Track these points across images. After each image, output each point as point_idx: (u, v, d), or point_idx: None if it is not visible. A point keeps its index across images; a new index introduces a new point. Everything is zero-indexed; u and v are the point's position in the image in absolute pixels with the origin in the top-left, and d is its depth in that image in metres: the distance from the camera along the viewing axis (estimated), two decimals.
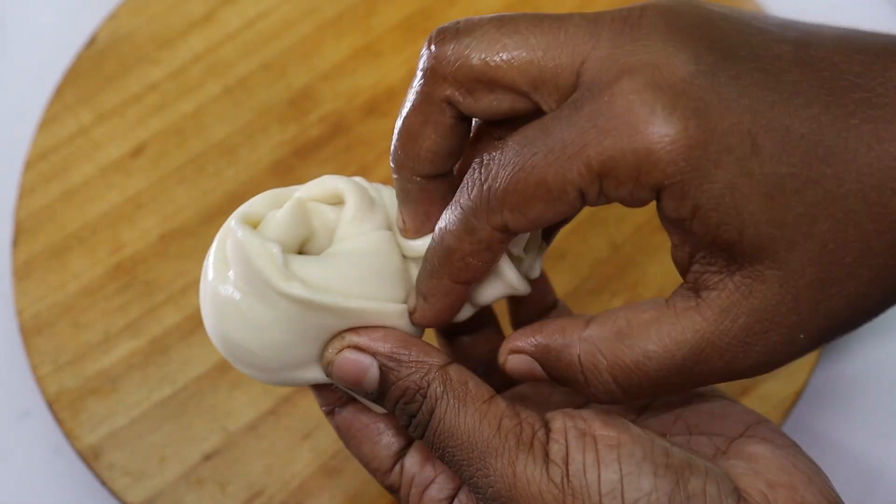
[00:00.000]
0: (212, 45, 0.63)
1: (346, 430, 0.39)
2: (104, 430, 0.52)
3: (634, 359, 0.35)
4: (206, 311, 0.37)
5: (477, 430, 0.35)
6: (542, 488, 0.34)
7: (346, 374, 0.37)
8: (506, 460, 0.34)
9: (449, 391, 0.36)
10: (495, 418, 0.35)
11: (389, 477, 0.39)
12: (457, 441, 0.35)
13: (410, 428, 0.37)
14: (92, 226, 0.57)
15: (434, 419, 0.36)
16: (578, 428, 0.35)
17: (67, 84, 0.61)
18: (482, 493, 0.35)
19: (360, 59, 0.62)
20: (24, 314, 0.55)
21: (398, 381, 0.36)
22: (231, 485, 0.51)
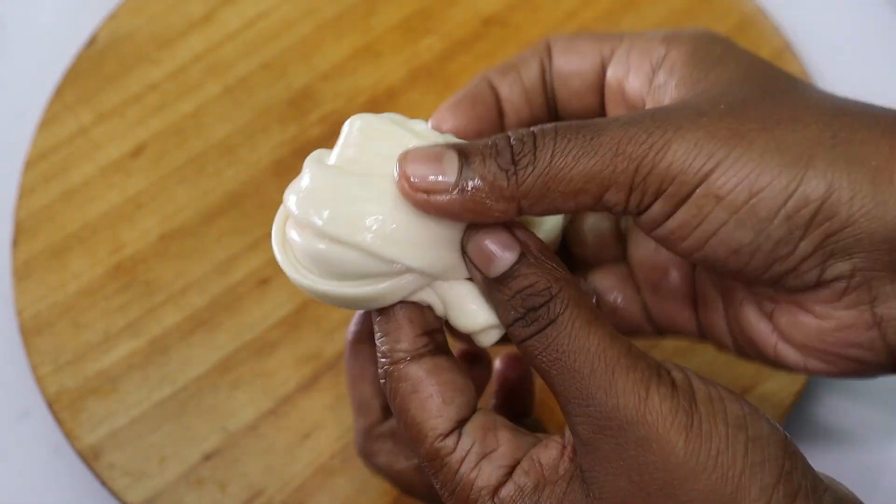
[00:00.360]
0: (212, 45, 0.63)
1: (417, 382, 0.37)
2: (104, 430, 0.52)
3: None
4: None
5: (607, 347, 0.35)
6: (673, 409, 0.34)
7: (488, 248, 0.36)
8: (638, 376, 0.34)
9: (582, 304, 0.36)
10: (624, 343, 0.35)
11: (444, 441, 0.37)
12: (577, 354, 0.35)
13: (521, 324, 0.36)
14: (92, 226, 0.57)
15: (558, 324, 0.35)
16: (696, 374, 0.36)
17: (67, 84, 0.61)
18: (597, 410, 0.34)
19: (361, 58, 0.62)
20: (23, 314, 0.55)
21: (533, 272, 0.36)
22: (231, 485, 0.51)
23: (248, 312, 0.55)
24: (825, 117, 0.36)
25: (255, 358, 0.54)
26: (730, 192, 0.35)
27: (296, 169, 0.59)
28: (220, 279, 0.56)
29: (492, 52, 0.63)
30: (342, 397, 0.53)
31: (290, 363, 0.54)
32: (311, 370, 0.53)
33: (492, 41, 0.63)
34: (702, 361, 0.53)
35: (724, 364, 0.53)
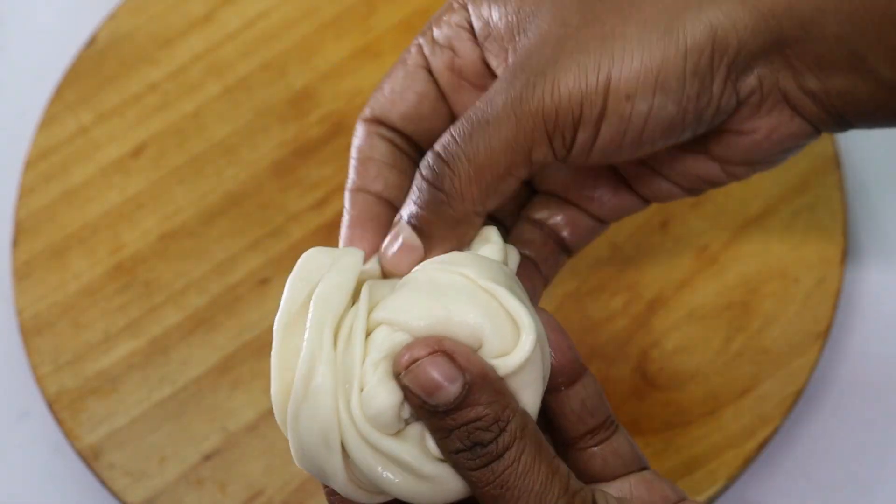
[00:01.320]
0: (212, 45, 0.63)
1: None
2: (104, 430, 0.52)
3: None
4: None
5: (548, 486, 0.35)
6: None
7: (427, 380, 0.35)
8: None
9: (528, 435, 0.35)
10: (563, 478, 0.36)
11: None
12: (521, 493, 0.35)
13: (470, 456, 0.35)
14: (92, 226, 0.57)
15: (507, 458, 0.35)
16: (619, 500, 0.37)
17: (67, 84, 0.61)
18: None
19: (360, 58, 0.62)
20: (24, 314, 0.55)
21: (479, 404, 0.35)
22: (231, 485, 0.51)
23: (248, 312, 0.55)
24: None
25: (254, 358, 0.54)
26: (636, 85, 0.37)
27: (296, 169, 0.59)
28: (220, 279, 0.56)
29: None
30: None
31: None
32: None
33: None
34: (702, 360, 0.53)
35: (724, 364, 0.53)
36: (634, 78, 0.37)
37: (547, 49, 0.38)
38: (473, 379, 0.35)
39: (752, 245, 0.56)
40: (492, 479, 0.35)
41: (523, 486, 0.35)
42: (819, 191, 0.57)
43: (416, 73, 0.43)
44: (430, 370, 0.35)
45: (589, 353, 0.53)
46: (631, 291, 0.55)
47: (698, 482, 0.50)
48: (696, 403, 0.47)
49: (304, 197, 0.58)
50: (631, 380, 0.52)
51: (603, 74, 0.37)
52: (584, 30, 0.38)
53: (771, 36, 0.38)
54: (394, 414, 0.35)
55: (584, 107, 0.37)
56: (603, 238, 0.56)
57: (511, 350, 0.36)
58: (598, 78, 0.37)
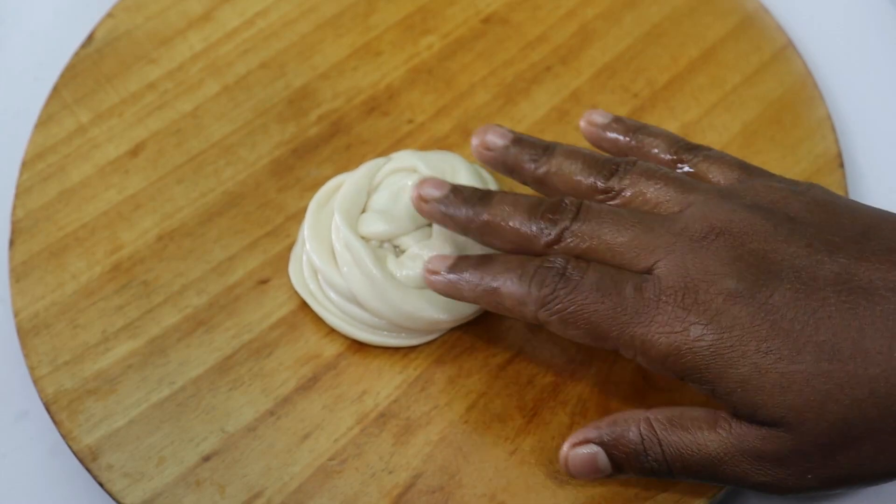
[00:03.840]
0: (211, 44, 0.63)
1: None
2: (102, 431, 0.51)
3: (679, 440, 0.45)
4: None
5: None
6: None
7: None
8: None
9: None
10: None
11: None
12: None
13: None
14: (90, 226, 0.57)
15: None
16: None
17: (65, 83, 0.61)
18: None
19: (360, 57, 0.62)
20: (21, 315, 0.54)
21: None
22: (230, 486, 0.50)
23: (247, 313, 0.55)
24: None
25: (254, 358, 0.53)
26: None
27: (295, 168, 0.59)
28: (219, 279, 0.55)
29: (492, 51, 0.63)
30: (342, 398, 0.52)
31: (290, 364, 0.53)
32: (310, 371, 0.53)
33: (492, 40, 0.63)
34: None
35: None
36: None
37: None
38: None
39: None
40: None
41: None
42: None
43: None
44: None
45: (590, 353, 0.53)
46: None
47: (700, 483, 0.50)
48: (697, 404, 0.47)
49: (304, 197, 0.57)
50: (632, 381, 0.52)
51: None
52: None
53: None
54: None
55: None
56: None
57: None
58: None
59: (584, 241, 0.47)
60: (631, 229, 0.46)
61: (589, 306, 0.45)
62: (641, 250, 0.46)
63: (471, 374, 0.53)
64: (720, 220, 0.45)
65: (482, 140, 0.52)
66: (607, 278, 0.45)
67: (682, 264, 0.45)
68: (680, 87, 0.61)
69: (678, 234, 0.45)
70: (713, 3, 0.64)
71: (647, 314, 0.44)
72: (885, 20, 0.67)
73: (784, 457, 0.43)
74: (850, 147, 0.61)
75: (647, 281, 0.45)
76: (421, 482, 0.50)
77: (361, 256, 0.52)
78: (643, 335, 0.44)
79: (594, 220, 0.47)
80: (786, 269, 0.44)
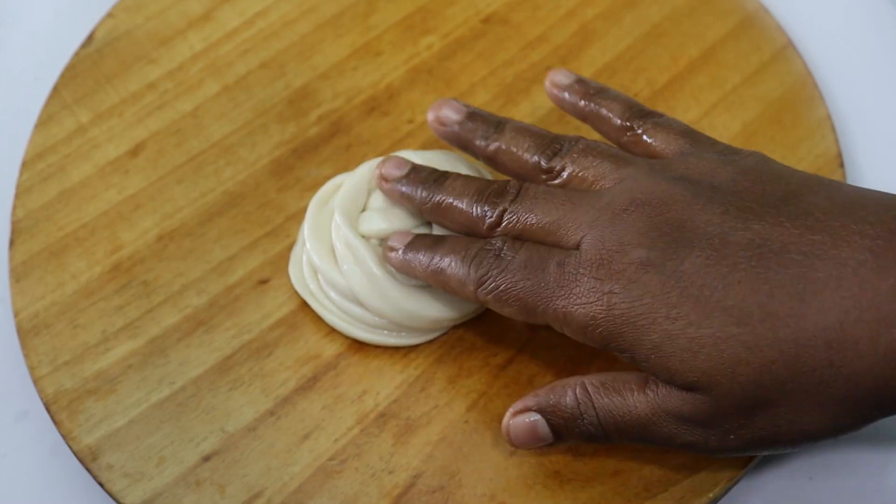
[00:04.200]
0: (211, 44, 0.63)
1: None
2: (102, 431, 0.51)
3: (611, 403, 0.46)
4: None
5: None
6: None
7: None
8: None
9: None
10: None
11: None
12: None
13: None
14: (90, 226, 0.57)
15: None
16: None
17: (65, 83, 0.61)
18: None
19: (360, 57, 0.62)
20: (21, 315, 0.54)
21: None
22: (230, 486, 0.50)
23: (247, 313, 0.55)
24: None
25: (253, 358, 0.53)
26: None
27: (295, 168, 0.59)
28: (219, 279, 0.55)
29: (492, 51, 0.62)
30: (341, 398, 0.52)
31: (290, 364, 0.53)
32: (310, 371, 0.53)
33: (492, 40, 0.63)
34: None
35: None
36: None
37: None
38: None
39: None
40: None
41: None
42: None
43: None
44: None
45: (590, 353, 0.53)
46: None
47: (701, 483, 0.50)
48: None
49: (304, 196, 0.57)
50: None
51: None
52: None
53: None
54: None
55: None
56: None
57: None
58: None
59: (521, 223, 0.49)
60: (561, 207, 0.48)
61: (517, 283, 0.47)
62: (569, 227, 0.47)
63: (471, 374, 0.53)
64: (643, 193, 0.47)
65: (437, 115, 0.54)
66: (535, 256, 0.47)
67: (600, 237, 0.46)
68: (680, 87, 0.61)
69: (602, 209, 0.47)
70: (713, 3, 0.64)
71: (566, 287, 0.46)
72: (885, 20, 0.67)
73: (704, 419, 0.45)
74: (850, 147, 0.61)
75: (571, 256, 0.47)
76: (421, 482, 0.50)
77: (362, 255, 0.52)
78: (564, 307, 0.46)
79: (529, 201, 0.49)
80: (699, 236, 0.45)
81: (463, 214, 0.50)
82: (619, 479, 0.50)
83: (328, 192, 0.55)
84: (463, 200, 0.50)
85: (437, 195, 0.51)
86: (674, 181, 0.47)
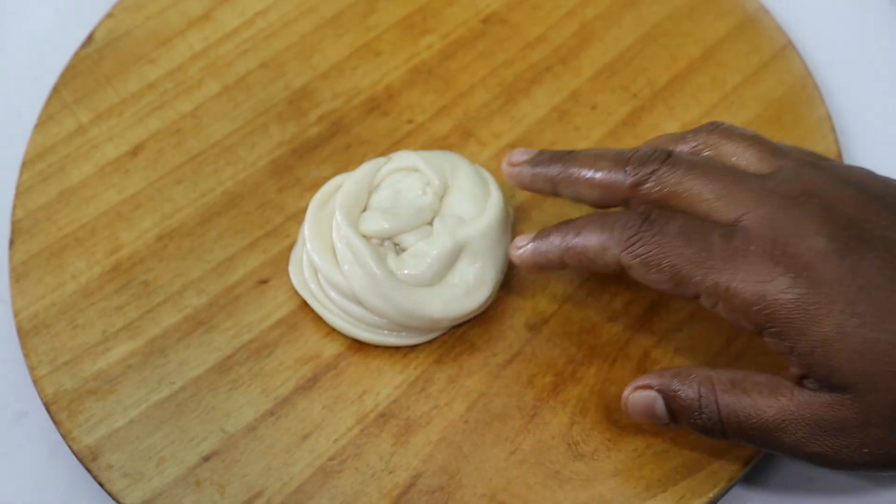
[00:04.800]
0: (210, 44, 0.63)
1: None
2: (102, 432, 0.51)
3: (737, 402, 0.45)
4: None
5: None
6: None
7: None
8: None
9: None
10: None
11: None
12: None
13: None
14: (90, 226, 0.57)
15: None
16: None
17: (65, 83, 0.61)
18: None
19: (360, 57, 0.62)
20: (21, 315, 0.54)
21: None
22: (230, 486, 0.50)
23: (247, 313, 0.55)
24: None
25: (253, 359, 0.53)
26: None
27: (295, 168, 0.59)
28: (219, 279, 0.55)
29: (492, 51, 0.62)
30: (341, 398, 0.52)
31: (289, 364, 0.53)
32: (310, 371, 0.53)
33: (492, 40, 0.63)
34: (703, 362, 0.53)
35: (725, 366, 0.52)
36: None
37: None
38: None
39: None
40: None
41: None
42: None
43: None
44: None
45: (590, 353, 0.53)
46: (632, 292, 0.55)
47: (700, 483, 0.50)
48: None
49: (304, 196, 0.57)
50: (632, 381, 0.52)
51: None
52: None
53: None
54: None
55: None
56: None
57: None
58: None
59: (670, 186, 0.47)
60: (720, 179, 0.46)
61: (674, 249, 0.45)
62: (730, 201, 0.45)
63: (471, 374, 0.53)
64: (814, 185, 0.45)
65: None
66: (692, 224, 0.45)
67: (772, 217, 0.44)
68: (680, 87, 0.61)
69: (770, 192, 0.45)
70: (713, 3, 0.64)
71: (733, 262, 0.44)
72: (885, 20, 0.67)
73: (845, 426, 0.43)
74: (850, 147, 0.61)
75: (735, 230, 0.45)
76: (421, 482, 0.50)
77: (363, 254, 0.52)
78: (727, 282, 0.44)
79: (683, 167, 0.47)
80: (876, 237, 0.44)
81: (603, 178, 0.48)
82: (619, 479, 0.50)
83: (328, 192, 0.55)
84: (602, 164, 0.48)
85: (572, 166, 0.49)
86: (842, 181, 0.46)
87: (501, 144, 0.59)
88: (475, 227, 0.53)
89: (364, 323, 0.53)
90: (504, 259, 0.54)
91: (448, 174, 0.54)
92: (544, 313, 0.54)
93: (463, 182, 0.54)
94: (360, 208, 0.54)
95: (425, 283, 0.52)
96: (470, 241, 0.53)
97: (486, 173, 0.55)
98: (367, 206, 0.54)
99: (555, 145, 0.59)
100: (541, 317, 0.54)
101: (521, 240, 0.50)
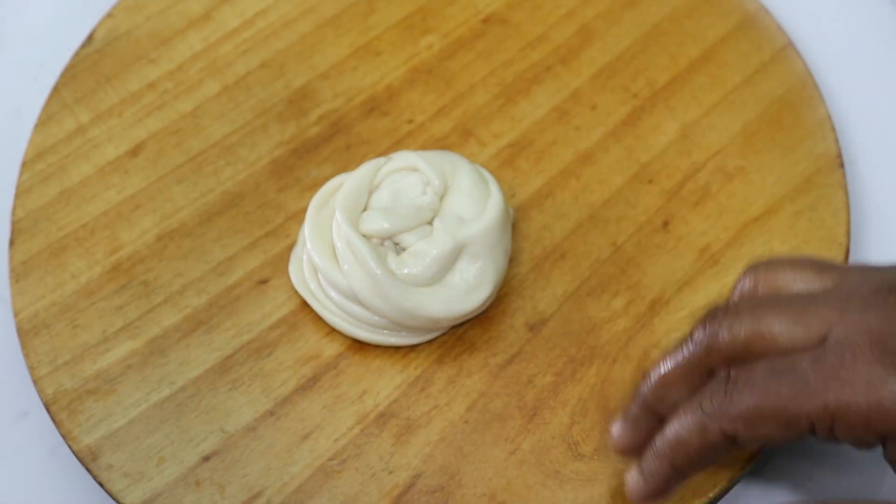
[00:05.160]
0: (210, 44, 0.63)
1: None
2: (102, 432, 0.51)
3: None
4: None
5: None
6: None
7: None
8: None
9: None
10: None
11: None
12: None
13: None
14: (90, 226, 0.57)
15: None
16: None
17: (65, 83, 0.61)
18: None
19: (360, 57, 0.62)
20: (21, 315, 0.54)
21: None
22: (230, 486, 0.50)
23: (247, 313, 0.54)
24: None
25: (253, 358, 0.53)
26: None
27: (295, 168, 0.59)
28: (219, 279, 0.55)
29: (492, 51, 0.62)
30: (341, 398, 0.52)
31: (289, 364, 0.53)
32: (310, 371, 0.53)
33: (492, 40, 0.63)
34: None
35: None
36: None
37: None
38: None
39: (754, 245, 0.56)
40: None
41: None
42: (821, 191, 0.57)
43: None
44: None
45: (590, 353, 0.53)
46: (632, 292, 0.55)
47: (700, 483, 0.50)
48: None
49: (304, 196, 0.57)
50: (632, 380, 0.52)
51: None
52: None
53: None
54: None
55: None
56: (604, 238, 0.56)
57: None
58: None
59: (743, 332, 0.44)
60: (790, 307, 0.44)
61: (769, 394, 0.42)
62: (809, 323, 0.43)
63: (471, 374, 0.53)
64: (889, 279, 0.43)
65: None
66: (775, 363, 0.43)
67: (861, 321, 0.42)
68: (680, 87, 0.61)
69: (846, 298, 0.43)
70: (713, 3, 0.64)
71: (836, 378, 0.41)
72: (885, 20, 0.67)
73: None
74: (850, 147, 0.61)
75: (825, 349, 0.42)
76: (421, 482, 0.50)
77: (363, 254, 0.52)
78: (836, 400, 0.41)
79: (746, 309, 0.44)
80: None
81: (681, 365, 0.45)
82: (619, 479, 0.50)
83: (328, 192, 0.55)
84: (673, 357, 0.45)
85: (650, 384, 0.46)
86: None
87: (501, 144, 0.59)
88: (475, 227, 0.53)
89: (364, 323, 0.53)
90: (504, 259, 0.54)
91: (448, 174, 0.54)
92: (544, 313, 0.54)
93: (463, 182, 0.54)
94: (360, 208, 0.54)
95: (425, 283, 0.52)
96: (470, 240, 0.53)
97: (487, 173, 0.55)
98: (367, 205, 0.54)
99: (555, 145, 0.59)
100: (541, 317, 0.54)
101: (628, 477, 0.46)
